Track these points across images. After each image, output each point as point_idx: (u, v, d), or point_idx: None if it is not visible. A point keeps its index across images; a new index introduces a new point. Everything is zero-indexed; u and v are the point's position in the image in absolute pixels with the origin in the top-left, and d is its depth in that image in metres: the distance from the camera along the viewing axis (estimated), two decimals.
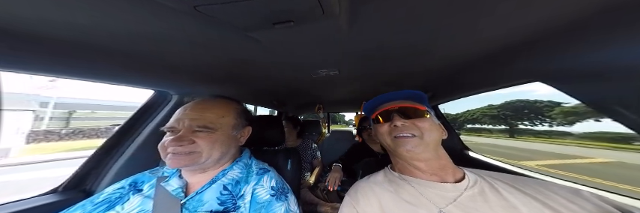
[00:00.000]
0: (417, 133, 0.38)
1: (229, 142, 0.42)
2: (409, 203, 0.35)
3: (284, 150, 0.66)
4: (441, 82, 0.74)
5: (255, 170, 0.45)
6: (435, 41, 0.40)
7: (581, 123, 32.32)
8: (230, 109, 0.45)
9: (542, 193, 0.32)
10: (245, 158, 0.48)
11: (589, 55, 0.32)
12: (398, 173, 0.42)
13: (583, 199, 0.30)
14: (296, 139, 1.32)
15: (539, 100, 39.31)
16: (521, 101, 40.23)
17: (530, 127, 36.68)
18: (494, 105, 43.36)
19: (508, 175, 0.38)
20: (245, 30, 0.35)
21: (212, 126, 0.39)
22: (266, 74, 0.72)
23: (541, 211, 0.29)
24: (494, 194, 0.33)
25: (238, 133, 0.45)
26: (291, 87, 0.97)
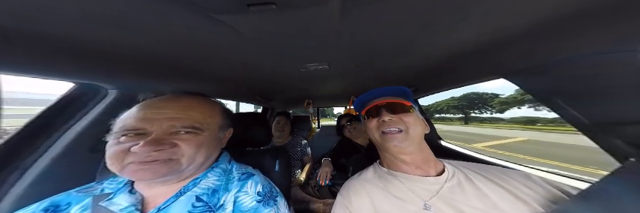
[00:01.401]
0: (402, 128, 0.40)
1: (215, 145, 0.38)
2: (398, 198, 0.37)
3: (271, 150, 0.60)
4: (423, 78, 0.76)
5: (236, 176, 0.40)
6: (419, 39, 0.40)
7: (509, 110, 41.36)
8: (216, 108, 0.40)
9: (503, 180, 0.36)
10: (223, 163, 0.41)
11: (541, 57, 0.38)
12: (386, 168, 0.44)
13: (534, 183, 0.34)
14: (288, 134, 1.26)
15: (486, 93, 48.25)
16: (474, 93, 48.86)
17: (478, 115, 45.12)
18: (455, 97, 51.37)
19: (476, 164, 0.42)
20: (212, 11, 0.28)
21: (200, 126, 0.33)
22: (247, 68, 0.63)
23: (504, 196, 0.33)
24: (469, 184, 0.36)
25: (223, 135, 0.40)
26: (278, 82, 0.90)
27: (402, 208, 0.35)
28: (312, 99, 1.53)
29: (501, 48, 0.41)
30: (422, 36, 0.39)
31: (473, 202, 0.33)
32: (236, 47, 0.46)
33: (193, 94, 0.40)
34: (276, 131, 1.23)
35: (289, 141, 1.24)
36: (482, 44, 0.41)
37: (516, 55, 0.42)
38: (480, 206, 0.32)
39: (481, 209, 0.32)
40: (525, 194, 0.33)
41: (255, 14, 0.29)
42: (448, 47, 0.45)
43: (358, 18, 0.32)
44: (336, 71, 0.71)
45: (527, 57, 0.40)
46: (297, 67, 0.63)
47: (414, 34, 0.38)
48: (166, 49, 0.44)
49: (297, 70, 0.68)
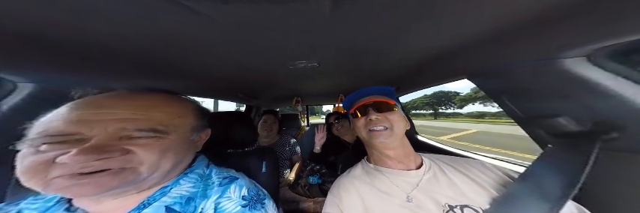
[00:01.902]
0: (387, 126, 0.42)
1: (187, 148, 0.33)
2: (384, 192, 0.39)
3: (256, 151, 0.57)
4: (405, 77, 0.81)
5: (216, 181, 0.36)
6: (402, 39, 0.42)
7: (466, 106, 48.63)
8: (187, 107, 0.35)
9: (467, 169, 0.40)
10: (199, 168, 0.37)
11: (495, 61, 0.44)
12: (373, 164, 0.46)
13: (489, 170, 0.40)
14: (276, 134, 1.21)
15: (450, 91, 55.66)
16: (441, 92, 55.98)
17: (444, 110, 51.87)
18: (428, 95, 57.79)
19: (446, 156, 0.47)
20: None
21: (164, 129, 0.28)
22: (229, 64, 0.58)
23: (468, 183, 0.37)
24: (443, 175, 0.40)
25: (197, 137, 0.36)
26: (265, 79, 0.84)
27: (388, 201, 0.37)
28: (301, 97, 1.48)
29: (468, 51, 0.47)
30: (405, 37, 0.41)
31: (445, 192, 0.37)
32: (215, 42, 0.41)
33: (158, 91, 0.34)
34: (263, 131, 1.16)
35: (277, 140, 1.19)
36: (454, 47, 0.46)
37: (478, 58, 0.47)
38: (451, 194, 0.36)
39: (452, 197, 0.36)
40: (483, 181, 0.38)
41: (237, 6, 0.26)
42: (427, 49, 0.49)
43: (348, 16, 0.32)
44: (326, 69, 0.69)
45: (486, 60, 0.47)
46: (286, 64, 0.60)
47: (399, 34, 0.40)
48: (120, 39, 0.35)
49: (285, 68, 0.64)
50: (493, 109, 11.64)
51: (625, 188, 0.36)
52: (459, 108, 51.81)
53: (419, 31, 0.38)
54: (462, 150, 0.96)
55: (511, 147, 6.34)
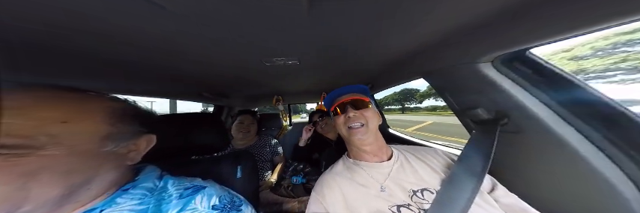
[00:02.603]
0: (363, 122, 0.45)
1: (93, 165, 0.25)
2: (362, 185, 0.41)
3: (229, 155, 0.52)
4: (378, 76, 0.88)
5: (175, 193, 0.31)
6: (375, 39, 0.46)
7: (424, 101, 57.21)
8: (92, 108, 0.26)
9: (424, 156, 0.46)
10: (148, 181, 0.31)
11: (440, 62, 0.52)
12: (353, 159, 0.49)
13: (438, 155, 0.46)
14: (255, 135, 1.13)
15: (413, 88, 64.19)
16: (406, 89, 63.98)
17: (409, 106, 59.62)
18: (396, 92, 64.95)
19: (411, 146, 0.52)
20: None
21: (18, 142, 0.20)
22: (191, 59, 0.50)
23: (426, 169, 0.43)
24: (407, 164, 0.44)
25: (123, 147, 0.28)
26: (238, 77, 0.76)
27: (365, 193, 0.40)
28: (282, 95, 1.41)
29: (422, 54, 0.54)
30: (376, 38, 0.45)
31: (409, 178, 0.41)
32: (167, 34, 0.35)
33: (35, 86, 0.24)
34: (239, 133, 1.06)
35: (256, 142, 1.11)
36: (413, 50, 0.52)
37: (428, 60, 0.55)
38: (413, 180, 0.41)
39: (414, 183, 0.40)
40: (435, 165, 0.44)
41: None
42: (392, 51, 0.54)
43: (325, 13, 0.32)
44: (307, 67, 0.68)
45: (432, 62, 0.54)
46: (262, 61, 0.56)
47: (371, 35, 0.43)
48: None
49: (261, 65, 0.60)
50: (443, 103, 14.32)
51: (510, 160, 0.47)
52: (419, 103, 60.68)
53: (386, 34, 0.42)
54: (422, 139, 1.12)
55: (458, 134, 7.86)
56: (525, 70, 0.43)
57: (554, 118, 0.39)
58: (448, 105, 0.62)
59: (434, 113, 25.32)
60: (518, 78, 0.43)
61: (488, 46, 0.40)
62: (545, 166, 0.42)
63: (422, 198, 0.38)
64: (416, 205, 0.37)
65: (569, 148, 0.37)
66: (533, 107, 0.41)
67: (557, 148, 0.39)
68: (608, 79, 19.59)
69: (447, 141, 1.09)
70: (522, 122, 0.43)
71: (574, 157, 0.37)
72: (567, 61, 23.32)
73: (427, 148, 0.50)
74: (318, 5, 0.29)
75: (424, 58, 0.56)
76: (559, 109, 0.40)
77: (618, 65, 18.78)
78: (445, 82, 0.57)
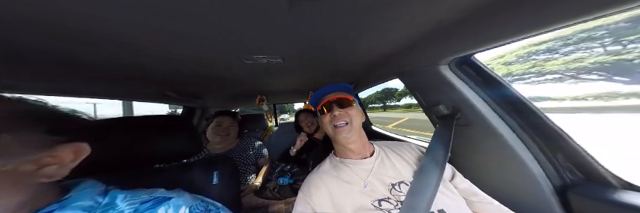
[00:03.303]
0: (348, 120, 0.46)
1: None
2: (347, 182, 0.43)
3: (202, 161, 0.48)
4: (360, 75, 0.92)
5: (126, 209, 0.27)
6: (354, 41, 0.48)
7: (402, 99, 62.32)
8: None
9: (401, 151, 0.49)
10: (84, 198, 0.26)
11: (411, 64, 0.57)
12: (339, 157, 0.50)
13: (412, 149, 0.50)
14: (235, 138, 1.05)
15: (392, 88, 69.15)
16: (387, 88, 68.44)
17: (390, 104, 64.14)
18: (378, 91, 68.94)
19: (390, 142, 0.55)
20: None
21: None
22: (154, 55, 0.45)
23: (402, 163, 0.46)
24: (387, 159, 0.47)
25: (25, 163, 0.22)
26: (214, 75, 0.71)
27: (350, 190, 0.41)
28: (266, 95, 1.34)
29: (397, 56, 0.58)
30: (358, 39, 0.47)
31: (389, 173, 0.43)
32: (134, 26, 0.31)
33: None
34: (216, 136, 0.98)
35: (237, 145, 1.04)
36: (389, 52, 0.56)
37: (401, 61, 0.59)
38: (392, 174, 0.43)
39: (393, 176, 0.42)
40: (409, 158, 0.47)
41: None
42: (372, 52, 0.58)
43: (307, 12, 0.32)
44: (292, 65, 0.67)
45: (405, 64, 0.59)
46: (241, 58, 0.53)
47: (352, 36, 0.45)
48: None
49: (241, 62, 0.57)
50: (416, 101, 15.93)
51: (463, 149, 0.54)
52: (398, 101, 65.82)
53: (365, 36, 0.44)
54: (401, 135, 1.22)
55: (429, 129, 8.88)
56: (471, 72, 0.51)
57: (491, 113, 0.48)
58: (418, 103, 0.69)
59: (410, 110, 27.89)
60: (467, 79, 0.51)
61: (445, 50, 0.46)
62: (486, 153, 0.51)
63: (399, 190, 0.40)
64: (394, 198, 0.39)
65: (501, 138, 0.46)
66: (477, 104, 0.49)
67: (494, 137, 0.47)
68: (525, 81, 28.10)
69: (421, 136, 1.19)
70: (470, 116, 0.50)
71: (503, 145, 0.46)
72: (501, 66, 30.04)
73: (402, 143, 0.54)
74: (299, 4, 0.29)
75: (398, 60, 0.61)
76: (494, 106, 0.49)
77: (529, 70, 26.52)
78: (415, 82, 0.62)
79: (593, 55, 24.24)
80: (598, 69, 24.55)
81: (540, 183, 0.41)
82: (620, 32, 33.83)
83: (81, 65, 0.47)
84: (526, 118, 0.45)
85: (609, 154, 2.79)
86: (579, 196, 0.38)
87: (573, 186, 0.40)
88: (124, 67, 0.51)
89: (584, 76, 27.86)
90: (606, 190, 0.36)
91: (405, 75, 0.64)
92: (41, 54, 0.38)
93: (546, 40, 25.61)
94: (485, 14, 0.34)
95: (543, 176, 0.42)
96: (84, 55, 0.40)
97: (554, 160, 0.43)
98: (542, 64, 27.98)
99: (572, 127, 5.85)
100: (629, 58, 25.45)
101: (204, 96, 1.10)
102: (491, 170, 0.50)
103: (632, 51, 31.61)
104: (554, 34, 25.09)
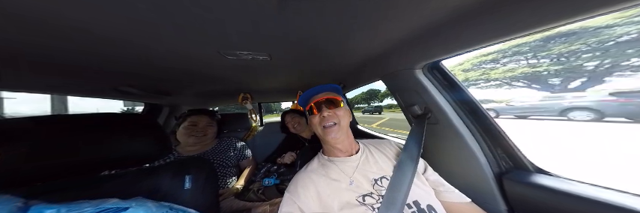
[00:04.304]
0: (336, 121, 0.48)
1: None
2: (334, 180, 0.44)
3: (171, 164, 0.44)
4: (348, 76, 0.95)
5: None
6: (342, 42, 0.50)
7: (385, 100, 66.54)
8: None
9: (383, 148, 0.52)
10: None
11: (391, 67, 0.62)
12: (327, 156, 0.51)
13: (392, 146, 0.54)
14: (213, 138, 0.96)
15: (376, 89, 72.90)
16: (371, 89, 71.81)
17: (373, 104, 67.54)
18: (364, 92, 71.76)
19: (374, 140, 0.59)
20: None
21: None
22: (109, 44, 0.39)
23: (384, 159, 0.49)
24: (371, 156, 0.49)
25: None
26: (187, 70, 0.64)
27: (337, 188, 0.42)
28: (251, 93, 1.27)
29: (379, 58, 0.62)
30: (345, 39, 0.48)
31: (372, 169, 0.46)
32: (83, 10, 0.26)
33: None
34: (190, 137, 0.88)
35: (215, 146, 0.95)
36: (372, 54, 0.59)
37: (383, 64, 0.64)
38: (375, 170, 0.45)
39: (375, 172, 0.45)
40: (390, 155, 0.50)
41: None
42: (358, 53, 0.60)
43: (297, 8, 0.32)
44: (279, 64, 0.66)
45: (386, 66, 0.63)
46: (222, 53, 0.50)
47: (339, 36, 0.46)
48: None
49: (221, 58, 0.54)
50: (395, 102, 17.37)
51: (432, 145, 0.59)
52: (380, 102, 69.89)
53: (352, 37, 0.46)
54: (383, 134, 1.30)
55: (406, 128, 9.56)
56: (439, 77, 0.57)
57: (453, 113, 0.55)
58: (397, 103, 0.75)
59: (391, 110, 29.93)
60: (436, 83, 0.57)
61: (421, 55, 0.50)
62: (448, 148, 0.57)
63: (381, 185, 0.42)
64: (376, 193, 0.41)
65: (460, 135, 0.53)
66: (443, 105, 0.55)
67: (455, 134, 0.54)
68: (477, 86, 34.70)
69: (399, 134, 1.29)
70: (438, 116, 0.56)
71: (461, 141, 0.53)
72: (461, 72, 36.22)
73: (384, 140, 0.58)
74: (288, 4, 0.28)
75: (382, 63, 0.65)
76: (455, 107, 0.56)
77: (479, 77, 32.48)
78: (395, 83, 0.68)
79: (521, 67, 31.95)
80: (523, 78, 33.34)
81: (485, 171, 0.48)
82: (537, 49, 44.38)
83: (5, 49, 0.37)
84: (477, 118, 0.53)
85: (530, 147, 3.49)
86: (510, 181, 0.45)
87: (506, 172, 0.49)
88: (70, 53, 0.42)
89: (515, 83, 37.19)
90: (527, 175, 0.45)
91: (387, 77, 0.68)
92: None
93: (492, 52, 31.99)
94: (454, 24, 0.38)
95: (487, 165, 0.49)
96: (13, 36, 0.32)
97: (494, 152, 0.51)
98: (489, 72, 34.76)
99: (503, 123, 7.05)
100: (541, 70, 35.24)
101: (175, 92, 0.99)
102: (452, 162, 0.57)
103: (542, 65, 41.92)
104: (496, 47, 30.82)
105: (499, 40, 0.36)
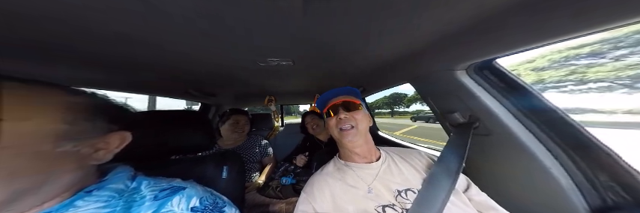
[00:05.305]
0: (353, 124, 0.46)
1: (45, 166, 0.22)
2: (351, 186, 0.42)
3: (214, 155, 0.51)
4: (368, 79, 0.92)
5: (148, 195, 0.30)
6: (368, 43, 0.48)
7: (412, 105, 60.08)
8: (43, 103, 0.23)
9: (410, 158, 0.48)
10: (118, 181, 0.29)
11: (425, 68, 0.56)
12: (343, 161, 0.50)
13: (421, 156, 0.49)
14: (245, 135, 1.10)
15: (401, 93, 66.91)
16: (395, 93, 66.27)
17: (398, 109, 62.13)
18: (386, 96, 67.03)
19: (398, 148, 0.54)
20: None
21: None
22: (177, 55, 0.50)
23: (410, 170, 0.45)
24: (394, 165, 0.46)
25: (85, 146, 0.26)
26: (229, 76, 0.76)
27: (353, 194, 0.41)
28: (275, 95, 1.40)
29: (408, 60, 0.56)
30: (366, 43, 0.47)
31: (396, 179, 0.43)
32: (158, 29, 0.35)
33: None
34: (233, 133, 1.04)
35: (245, 142, 1.08)
36: (399, 56, 0.55)
37: (413, 66, 0.58)
38: (399, 181, 0.42)
39: (400, 183, 0.42)
40: (418, 166, 0.46)
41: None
42: (382, 56, 0.57)
43: (320, 15, 0.33)
44: (301, 68, 0.70)
45: (418, 68, 0.57)
46: (256, 60, 0.57)
47: (361, 40, 0.45)
48: None
49: (255, 65, 0.61)
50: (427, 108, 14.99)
51: (481, 160, 0.52)
52: (406, 107, 63.59)
53: (374, 40, 0.45)
54: (408, 142, 1.19)
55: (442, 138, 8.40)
56: (493, 78, 0.48)
57: (515, 122, 0.45)
58: (431, 109, 0.67)
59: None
60: (488, 85, 0.47)
61: (462, 55, 0.44)
62: (507, 165, 0.48)
63: (405, 198, 0.39)
64: (400, 205, 0.38)
65: (526, 149, 0.43)
66: (499, 112, 0.46)
67: (517, 149, 0.44)
68: (560, 90, 24.36)
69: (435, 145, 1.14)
70: (491, 126, 0.47)
71: (529, 157, 0.42)
72: (530, 72, 26.72)
73: (411, 150, 0.53)
74: (313, 8, 0.30)
75: (411, 64, 0.60)
76: (518, 115, 0.46)
77: (564, 77, 23.25)
78: (428, 87, 0.62)
79: None
80: None
81: (573, 202, 0.38)
82: None
83: (121, 64, 0.53)
84: (559, 131, 0.41)
85: None
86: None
87: (616, 209, 0.36)
88: (157, 66, 0.57)
89: None
90: None
91: (417, 80, 0.63)
92: (97, 55, 0.46)
93: (590, 43, 22.43)
94: (508, 18, 0.32)
95: (577, 195, 0.38)
96: (126, 55, 0.47)
97: (592, 178, 0.38)
98: (584, 70, 24.39)
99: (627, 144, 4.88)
100: None
101: (220, 94, 1.18)
102: (513, 184, 0.47)
103: None
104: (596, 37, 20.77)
105: (580, 34, 0.27)
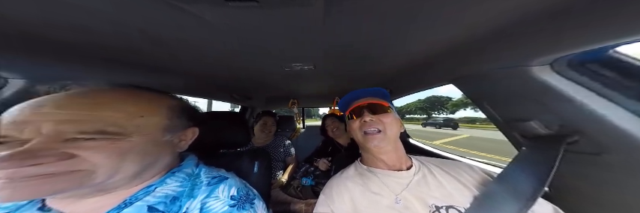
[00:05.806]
0: (381, 128, 0.42)
1: (157, 151, 0.31)
2: (374, 193, 0.39)
3: (249, 151, 0.58)
4: (397, 81, 0.84)
5: (204, 181, 0.36)
6: (394, 44, 0.45)
7: (458, 111, 49.93)
8: (158, 105, 0.32)
9: (455, 171, 0.42)
10: (188, 167, 0.37)
11: (475, 67, 0.46)
12: (366, 166, 0.46)
13: (472, 171, 0.42)
14: (272, 135, 1.23)
15: (442, 96, 56.71)
16: (434, 96, 56.68)
17: (438, 115, 52.57)
18: (421, 99, 58.39)
19: (436, 159, 0.48)
20: (182, 2, 0.25)
21: (117, 130, 0.26)
22: (222, 64, 0.59)
23: (455, 185, 0.39)
24: (432, 177, 0.41)
25: (175, 137, 0.34)
26: (260, 80, 0.86)
27: (377, 202, 0.38)
28: (298, 99, 1.50)
29: (449, 57, 0.49)
30: (394, 42, 0.44)
31: (433, 193, 0.38)
32: (209, 42, 0.42)
33: (125, 87, 0.32)
34: (262, 132, 1.18)
35: (271, 142, 1.19)
36: (437, 53, 0.48)
37: (458, 64, 0.49)
38: (438, 196, 0.37)
39: (438, 198, 0.37)
40: (467, 181, 0.40)
41: (234, 10, 0.28)
42: (414, 54, 0.51)
43: (340, 22, 0.34)
44: (322, 72, 0.71)
45: (465, 66, 0.48)
46: (282, 66, 0.62)
47: (387, 40, 0.42)
48: (112, 37, 0.36)
49: (281, 70, 0.66)
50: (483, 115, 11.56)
51: (586, 187, 0.40)
52: (451, 113, 52.91)
53: (405, 37, 0.41)
54: (451, 153, 1.00)
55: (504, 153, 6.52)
56: (608, 74, 0.32)
57: None
58: (487, 116, 0.54)
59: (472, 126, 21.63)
60: (597, 84, 0.33)
61: (545, 46, 0.32)
62: (634, 196, 0.32)
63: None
64: None
65: None
66: (622, 124, 0.31)
67: None
68: None
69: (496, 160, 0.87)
70: (606, 142, 0.33)
71: None
72: None
73: (458, 163, 0.45)
74: (333, 14, 0.30)
75: (454, 62, 0.49)
76: None
77: None
78: (482, 89, 0.50)
79: None
80: None
81: None
82: None
83: (189, 74, 0.68)
84: None
85: None
86: None
87: None
88: (211, 75, 0.71)
89: None
90: None
91: (465, 80, 0.52)
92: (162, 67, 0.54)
93: None
94: None
95: None
96: (188, 65, 0.58)
97: None
98: None
99: None
100: None
101: (254, 98, 1.35)
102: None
103: None
104: None
105: None
